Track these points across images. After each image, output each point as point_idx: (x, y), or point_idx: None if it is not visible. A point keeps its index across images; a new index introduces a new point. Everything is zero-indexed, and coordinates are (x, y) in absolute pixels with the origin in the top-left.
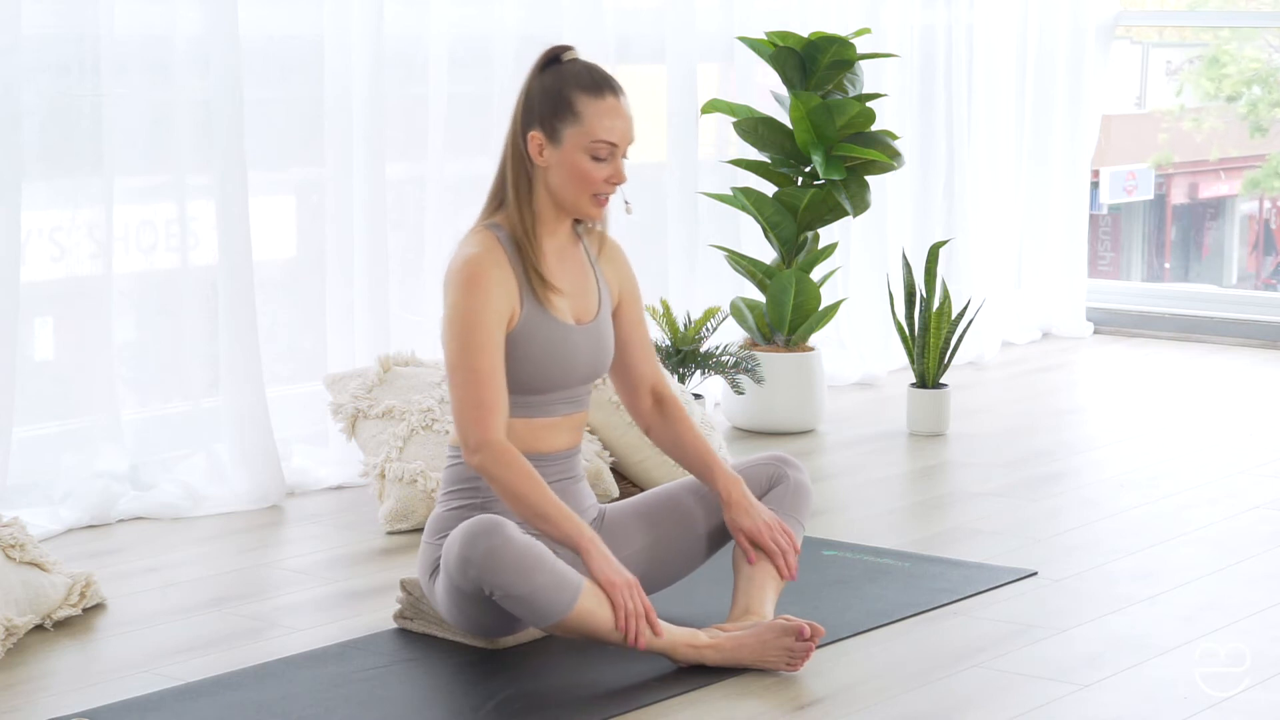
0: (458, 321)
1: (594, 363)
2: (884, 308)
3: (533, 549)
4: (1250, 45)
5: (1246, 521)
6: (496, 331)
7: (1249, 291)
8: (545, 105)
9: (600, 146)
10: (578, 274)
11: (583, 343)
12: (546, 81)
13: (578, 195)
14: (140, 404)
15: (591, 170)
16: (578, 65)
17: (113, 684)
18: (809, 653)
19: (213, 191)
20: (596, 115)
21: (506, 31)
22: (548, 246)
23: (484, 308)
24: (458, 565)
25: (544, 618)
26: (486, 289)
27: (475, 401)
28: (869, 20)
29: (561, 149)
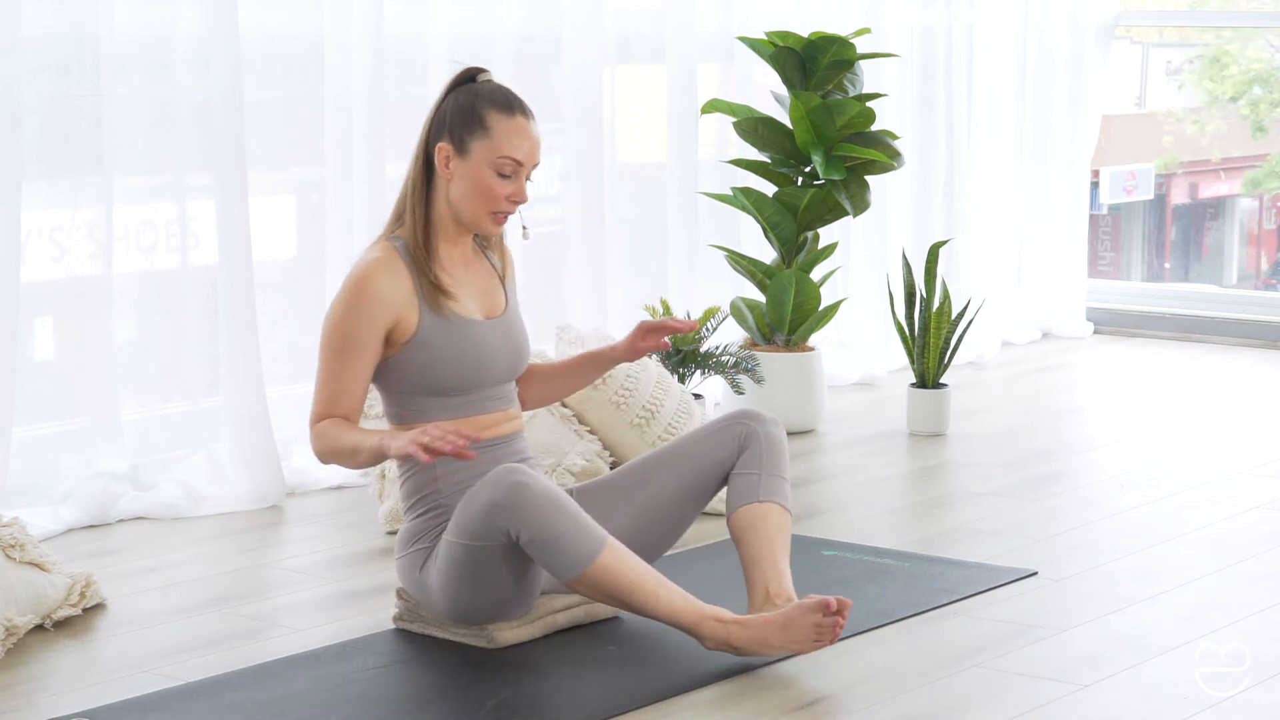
0: (333, 325)
1: (511, 358)
2: (884, 308)
3: (559, 494)
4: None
5: (1246, 521)
6: (367, 344)
7: (1249, 291)
8: (456, 119)
9: (506, 163)
10: (479, 275)
11: (494, 337)
12: (460, 97)
13: (478, 210)
14: (140, 404)
15: (495, 186)
16: (492, 85)
17: (113, 684)
18: (838, 626)
19: (213, 191)
20: (506, 133)
21: (506, 31)
22: (447, 256)
23: (361, 315)
24: (484, 511)
25: (568, 566)
26: (371, 296)
27: (321, 397)
28: (869, 20)
29: (468, 162)
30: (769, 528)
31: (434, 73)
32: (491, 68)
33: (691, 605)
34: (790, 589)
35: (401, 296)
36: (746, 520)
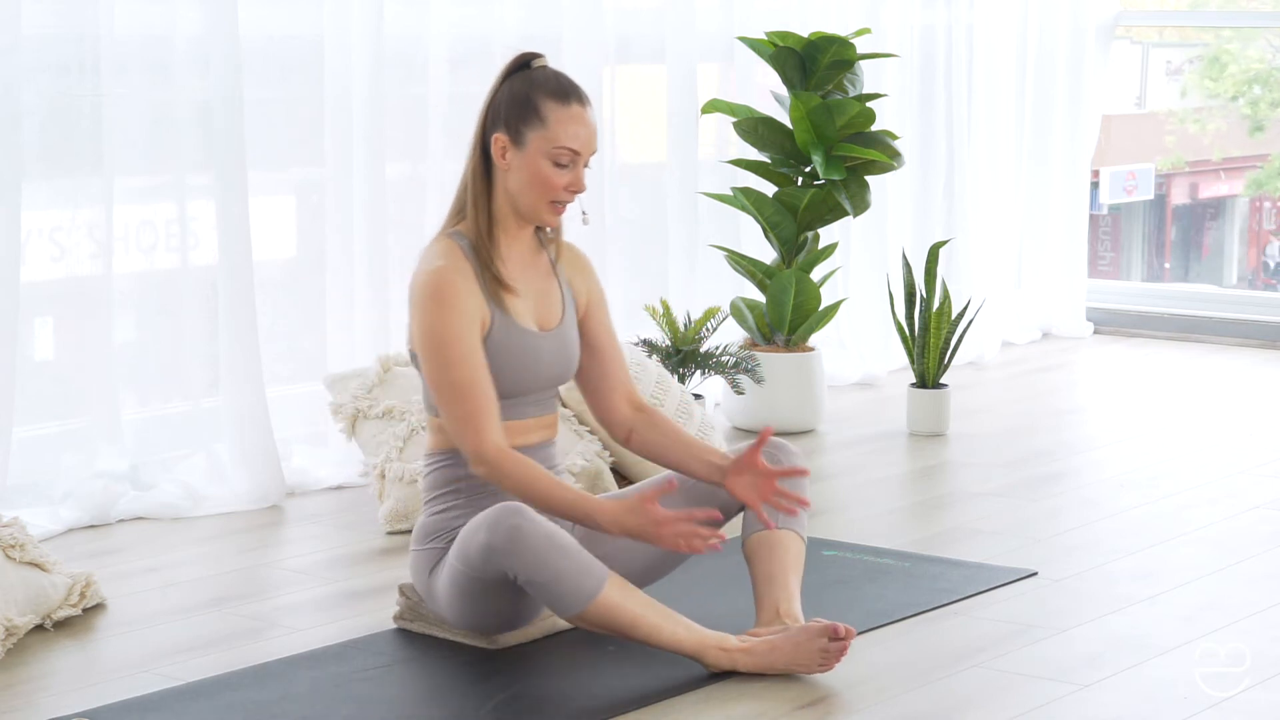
0: (433, 338)
1: (559, 368)
2: (884, 308)
3: (557, 534)
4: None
5: (1246, 521)
6: (472, 340)
7: (1249, 291)
8: (511, 108)
9: (562, 153)
10: (540, 281)
11: (546, 348)
12: (514, 86)
13: (536, 200)
14: (140, 404)
15: (552, 176)
16: (546, 72)
17: (113, 684)
18: (843, 652)
19: (213, 191)
20: (561, 121)
21: (506, 31)
22: (508, 252)
23: (457, 320)
24: (481, 552)
25: (568, 605)
26: (455, 300)
27: (463, 414)
28: (869, 20)
29: (524, 152)
30: (784, 551)
31: (434, 73)
32: (491, 68)
33: (694, 635)
34: (799, 611)
35: (478, 294)
36: (761, 543)
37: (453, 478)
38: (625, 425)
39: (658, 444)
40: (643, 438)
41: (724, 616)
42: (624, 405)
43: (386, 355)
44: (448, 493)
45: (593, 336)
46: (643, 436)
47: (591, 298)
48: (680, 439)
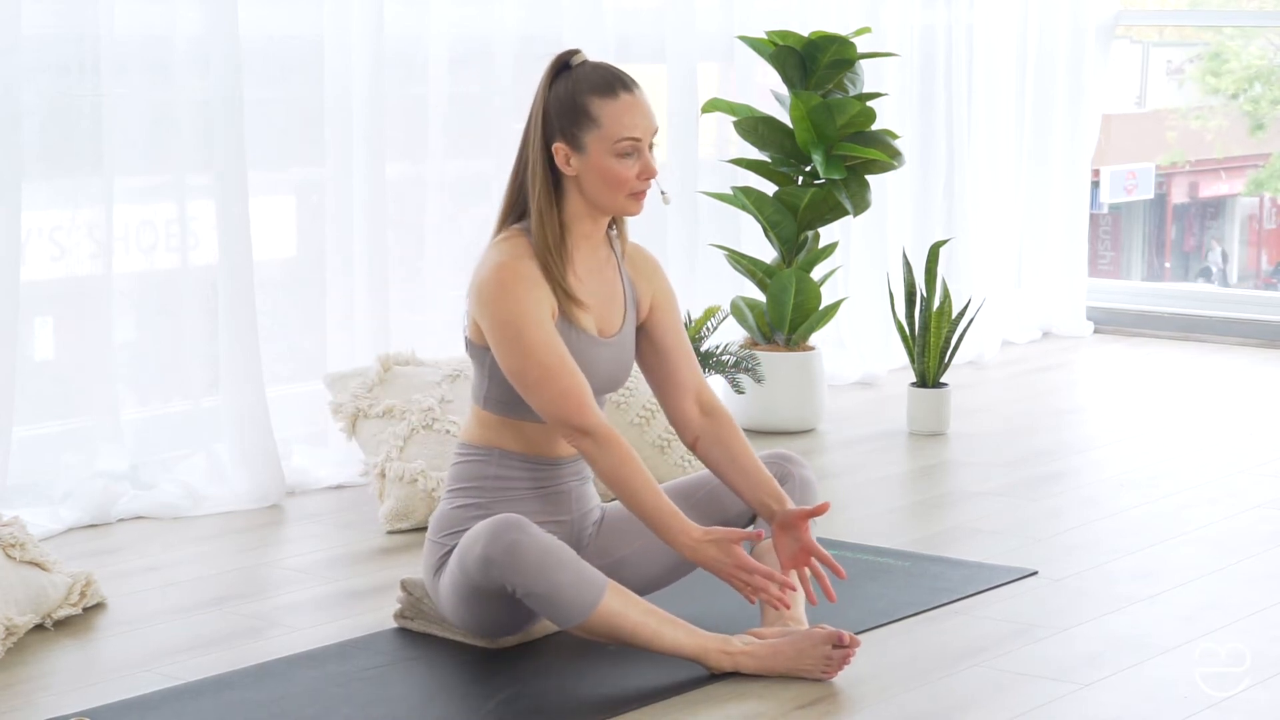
0: (510, 328)
1: (613, 376)
2: (884, 307)
3: (555, 547)
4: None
5: (1246, 521)
6: (548, 324)
7: (1249, 291)
8: (563, 115)
9: (625, 145)
10: (606, 285)
11: (604, 356)
12: (559, 91)
13: (614, 196)
14: (140, 404)
15: (622, 170)
16: (586, 68)
17: (113, 684)
18: (847, 660)
19: (213, 191)
20: (614, 116)
21: (506, 31)
22: (579, 257)
23: (530, 306)
24: (479, 564)
25: (568, 617)
26: (526, 288)
27: (559, 393)
28: (869, 20)
29: (588, 156)
30: None
31: (434, 73)
32: (492, 68)
33: (696, 639)
34: (803, 614)
35: (545, 286)
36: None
37: (480, 474)
38: (693, 430)
39: (718, 462)
40: (706, 450)
41: (726, 617)
42: (692, 408)
43: (386, 354)
44: (471, 488)
45: (659, 338)
46: (706, 449)
47: (657, 299)
48: (740, 465)
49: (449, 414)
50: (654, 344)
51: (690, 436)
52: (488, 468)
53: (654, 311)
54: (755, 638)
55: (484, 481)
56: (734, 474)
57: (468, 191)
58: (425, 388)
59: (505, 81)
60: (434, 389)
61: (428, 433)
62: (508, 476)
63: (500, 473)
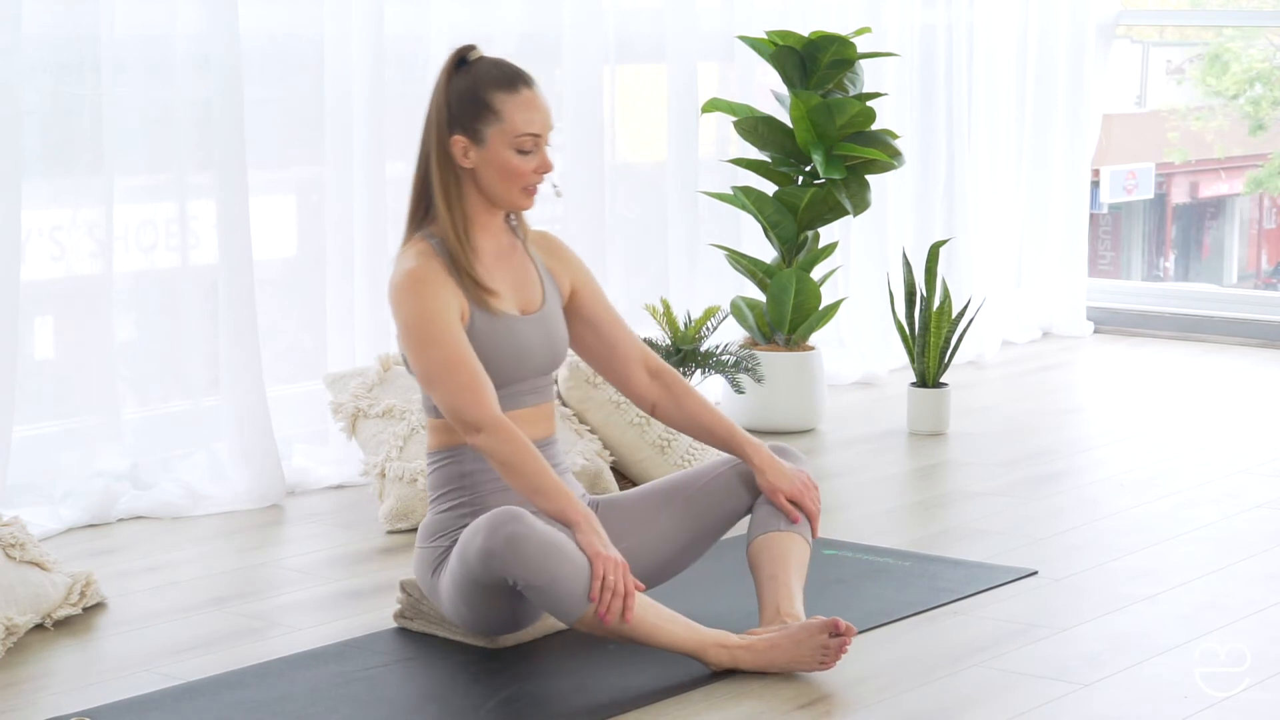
0: (414, 327)
1: (548, 352)
2: (884, 307)
3: (556, 540)
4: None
5: (1246, 521)
6: (453, 320)
7: (1249, 291)
8: (463, 108)
9: (524, 140)
10: (517, 269)
11: (531, 332)
12: (459, 84)
13: (509, 190)
14: (140, 403)
15: (520, 164)
16: (486, 63)
17: (113, 684)
18: (844, 649)
19: (213, 191)
20: (515, 110)
21: (507, 30)
22: (484, 246)
23: (437, 306)
24: (479, 557)
25: (567, 609)
26: (431, 289)
27: (456, 387)
28: (869, 19)
29: (486, 148)
30: (787, 553)
31: (434, 72)
32: None
33: (695, 634)
34: (800, 610)
35: (453, 287)
36: (766, 545)
37: (456, 474)
38: (649, 398)
39: (680, 422)
40: (667, 413)
41: (723, 616)
42: (642, 374)
43: (386, 354)
44: (451, 490)
45: (590, 313)
46: (666, 412)
47: (576, 279)
48: (701, 421)
49: None
50: (588, 322)
51: (648, 404)
52: (462, 466)
53: (577, 291)
54: (753, 636)
55: (463, 480)
56: (698, 431)
57: None
58: None
59: None
60: None
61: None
62: (484, 470)
63: (475, 468)
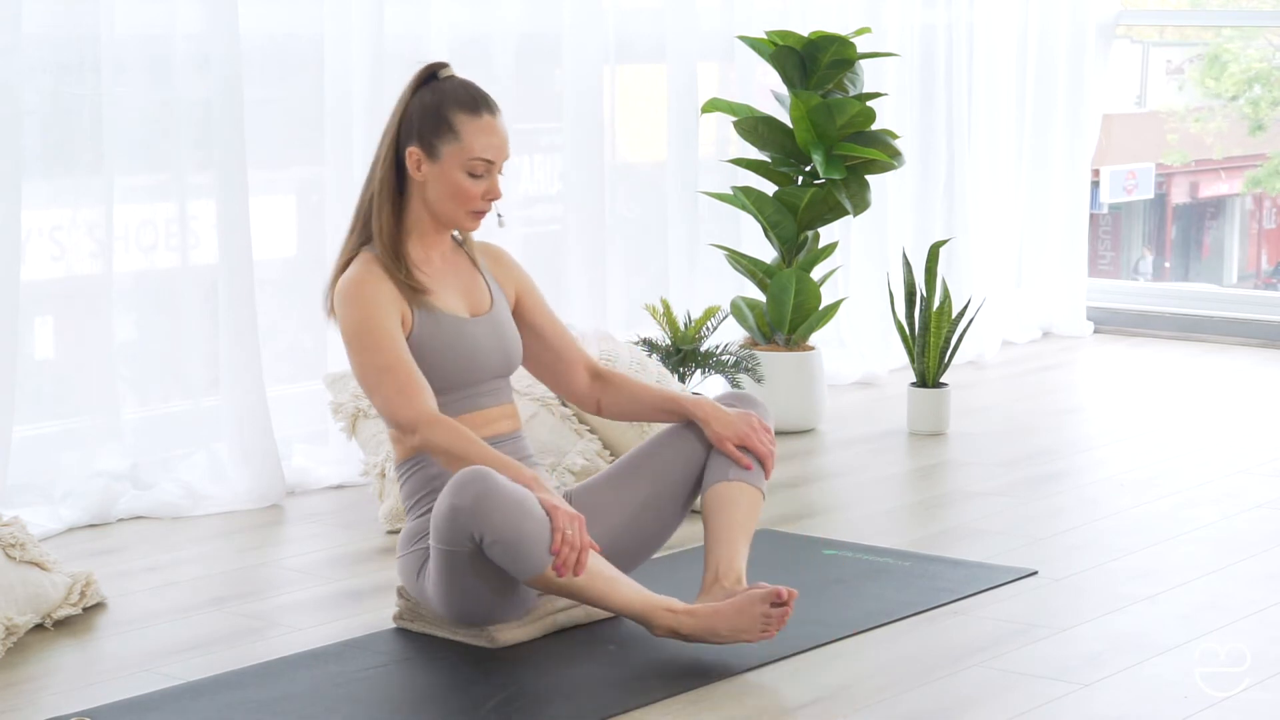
0: (352, 333)
1: (502, 353)
2: (884, 307)
3: (522, 496)
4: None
5: (1246, 521)
6: (391, 326)
7: (1249, 291)
8: (424, 122)
9: (478, 164)
10: (464, 275)
11: (483, 333)
12: (425, 98)
13: (455, 210)
14: (140, 403)
15: (469, 187)
16: (455, 83)
17: (113, 683)
18: (784, 618)
19: (213, 191)
20: (474, 134)
21: (507, 31)
22: (426, 255)
23: (375, 312)
24: (447, 517)
25: (527, 567)
26: (370, 296)
27: (395, 389)
28: (869, 19)
29: (440, 164)
30: (735, 508)
31: None
32: (491, 67)
33: (644, 596)
34: (740, 571)
35: (394, 296)
36: (715, 499)
37: (425, 479)
38: (593, 397)
39: (626, 408)
40: (611, 404)
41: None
42: (585, 377)
43: None
44: (425, 495)
45: (534, 321)
46: (611, 403)
47: (520, 286)
48: (644, 400)
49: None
50: (534, 330)
51: (593, 405)
52: (429, 470)
53: (522, 299)
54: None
55: (432, 484)
56: (643, 410)
57: None
58: None
59: (505, 81)
60: None
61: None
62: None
63: (441, 472)
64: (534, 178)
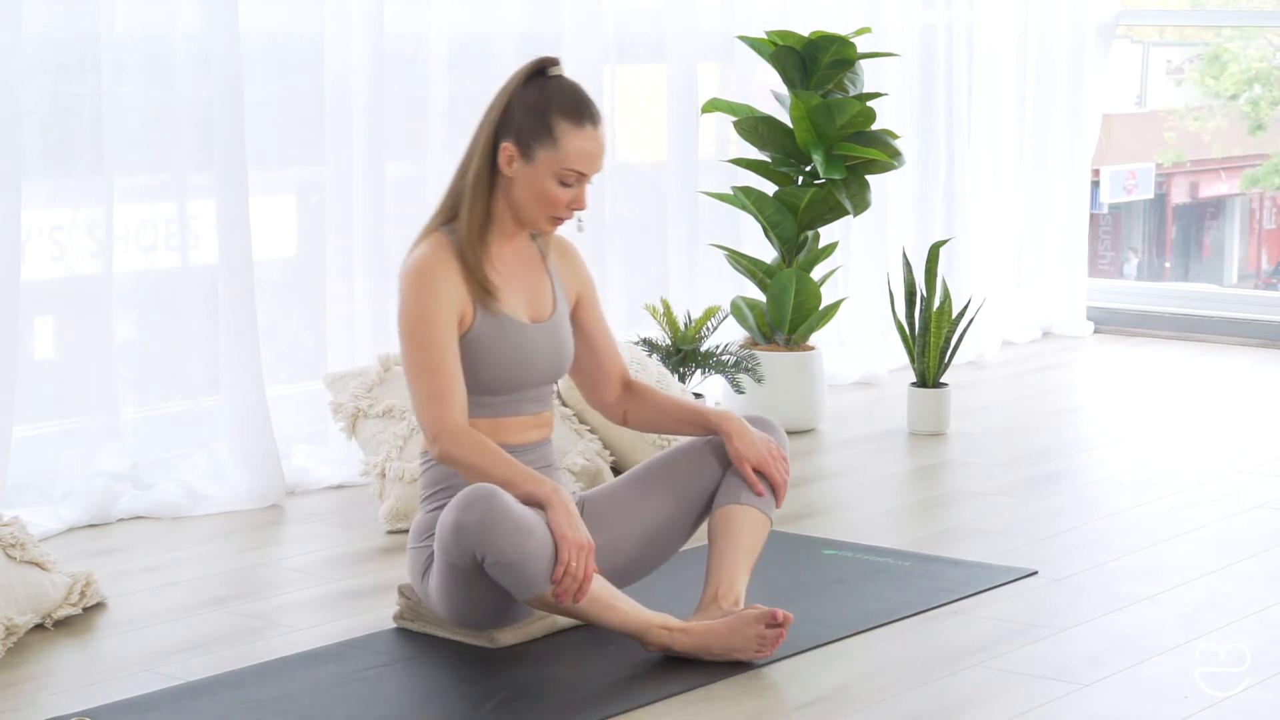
0: (408, 320)
1: (554, 361)
2: (884, 307)
3: (527, 516)
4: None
5: (1246, 521)
6: (448, 326)
7: (1249, 291)
8: (525, 120)
9: (570, 174)
10: (530, 275)
11: (540, 341)
12: (530, 96)
13: (536, 213)
14: (140, 403)
15: (557, 194)
16: (563, 85)
17: (113, 684)
18: (779, 639)
19: (213, 191)
20: (573, 143)
21: (507, 30)
22: (500, 251)
23: (434, 304)
24: (452, 532)
25: (529, 586)
26: (435, 286)
27: (430, 394)
28: (869, 19)
29: (532, 167)
30: (742, 532)
31: (434, 72)
32: (491, 67)
33: (639, 615)
34: (740, 594)
35: (460, 289)
36: (724, 520)
37: (447, 474)
38: (620, 408)
39: (653, 419)
40: (637, 415)
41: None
42: (618, 388)
43: (386, 354)
44: (441, 490)
45: (585, 326)
46: (637, 414)
47: (582, 288)
48: (670, 413)
49: None
50: (584, 335)
51: (619, 415)
52: None
53: (581, 301)
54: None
55: (451, 480)
56: (669, 422)
57: None
58: None
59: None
60: None
61: None
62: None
63: None
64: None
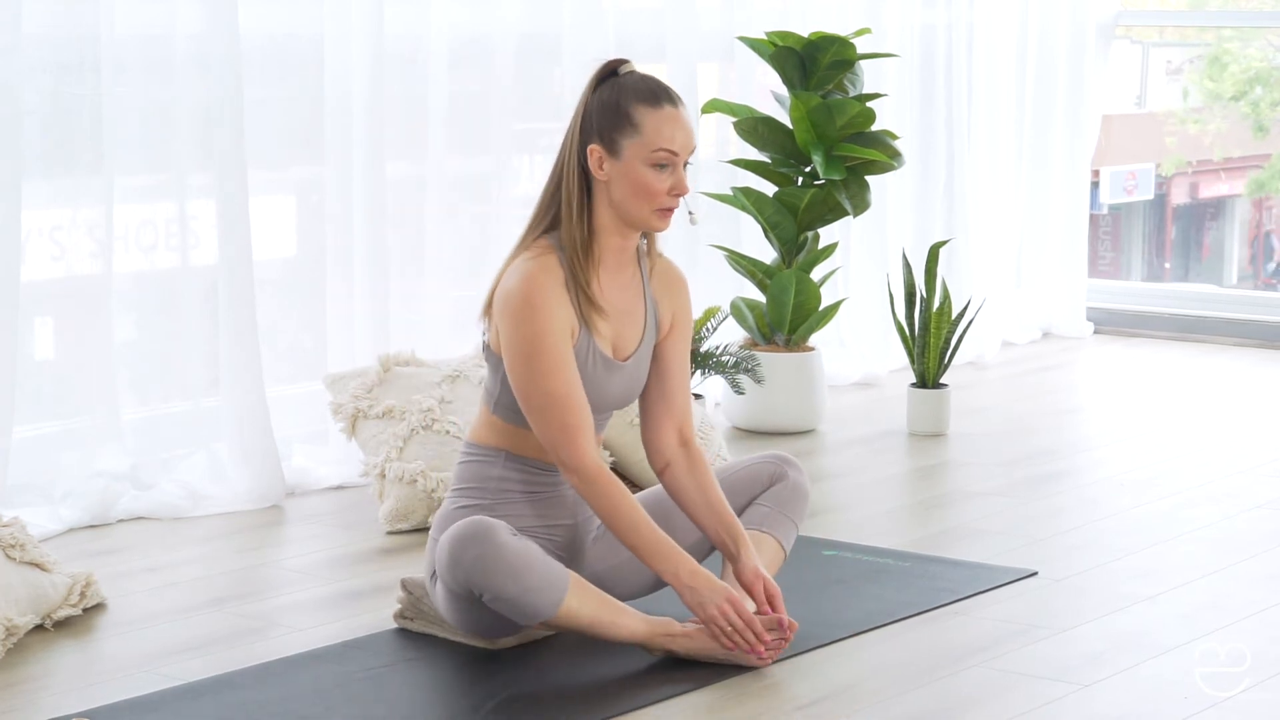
0: (526, 347)
1: (623, 397)
2: (884, 307)
3: (522, 552)
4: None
5: (1246, 521)
6: (565, 349)
7: (1249, 291)
8: (603, 118)
9: (661, 155)
10: (629, 302)
11: (615, 380)
12: (604, 95)
13: (641, 207)
14: (140, 403)
15: (653, 181)
16: (634, 77)
17: (113, 684)
18: (781, 646)
19: (213, 191)
20: (655, 125)
21: (507, 30)
22: (607, 264)
23: (549, 329)
24: (448, 567)
25: (531, 617)
26: (548, 309)
27: (559, 425)
28: (869, 20)
29: (622, 161)
30: (760, 553)
31: (434, 72)
32: (491, 66)
33: (645, 625)
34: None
35: (567, 306)
36: None
37: (485, 475)
38: (665, 456)
39: (686, 492)
40: (675, 478)
41: None
42: (673, 436)
43: (386, 355)
44: (475, 489)
45: (665, 360)
46: (675, 477)
47: (676, 320)
48: (708, 500)
49: (449, 414)
50: (660, 367)
51: (661, 462)
52: (492, 469)
53: (671, 333)
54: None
55: (488, 483)
56: (702, 508)
57: (468, 191)
58: (425, 388)
59: (505, 80)
60: (434, 389)
61: (427, 433)
62: (511, 479)
63: (505, 474)
64: (534, 178)
